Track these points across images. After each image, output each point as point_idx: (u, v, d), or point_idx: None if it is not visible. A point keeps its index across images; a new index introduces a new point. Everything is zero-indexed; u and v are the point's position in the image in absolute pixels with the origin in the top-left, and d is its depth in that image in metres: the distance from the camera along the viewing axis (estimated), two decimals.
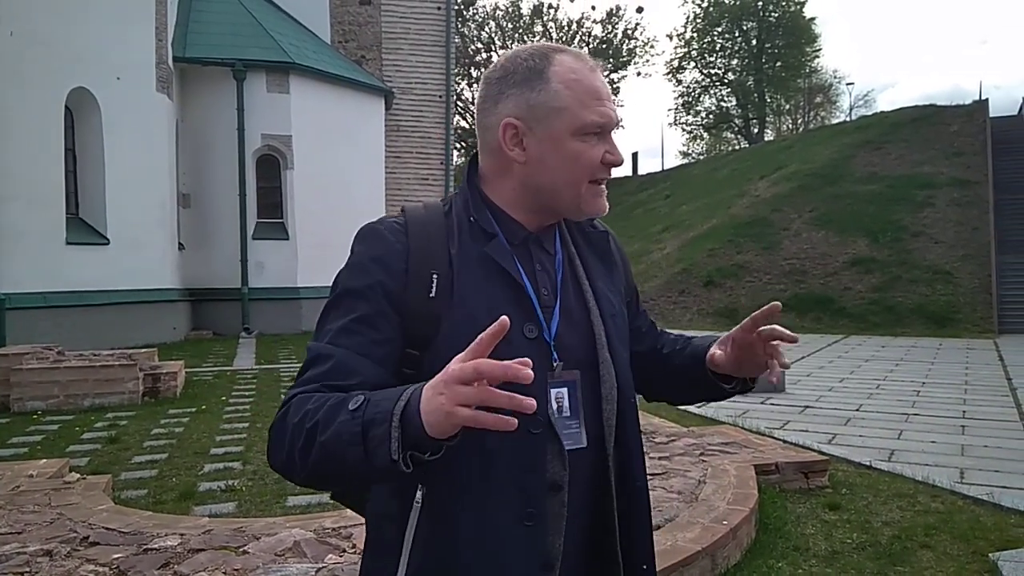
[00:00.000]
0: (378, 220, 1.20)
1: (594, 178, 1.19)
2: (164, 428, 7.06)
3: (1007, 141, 28.02)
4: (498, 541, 1.10)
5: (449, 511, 1.10)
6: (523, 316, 1.15)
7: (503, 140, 1.17)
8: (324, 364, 1.07)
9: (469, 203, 1.21)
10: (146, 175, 13.52)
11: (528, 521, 1.12)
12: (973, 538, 4.33)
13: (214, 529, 3.75)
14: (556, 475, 1.14)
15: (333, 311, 1.13)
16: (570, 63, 1.18)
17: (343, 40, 19.37)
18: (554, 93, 1.15)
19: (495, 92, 1.19)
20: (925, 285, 21.76)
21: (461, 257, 1.15)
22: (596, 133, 1.17)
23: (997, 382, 11.48)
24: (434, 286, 1.11)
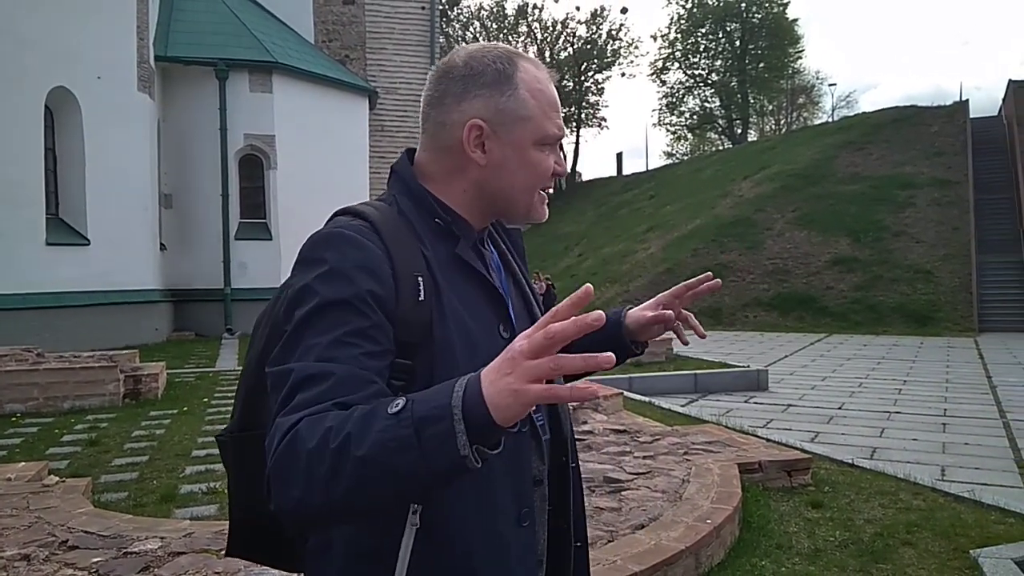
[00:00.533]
0: (337, 224, 1.10)
1: (545, 186, 1.21)
2: (145, 430, 7.00)
3: (987, 141, 28.35)
4: (503, 546, 1.09)
5: (450, 523, 1.05)
6: (497, 317, 1.15)
7: (467, 140, 1.14)
8: (322, 383, 0.94)
9: (428, 204, 1.17)
10: (127, 175, 13.40)
11: (524, 521, 1.11)
12: (954, 535, 4.36)
13: (195, 532, 3.71)
14: (537, 469, 1.16)
15: (314, 326, 1.00)
16: (534, 72, 1.18)
17: (327, 40, 19.31)
18: (522, 101, 1.15)
19: (459, 89, 1.16)
20: (906, 284, 21.96)
21: (435, 259, 1.12)
22: (550, 144, 1.19)
23: (977, 380, 11.60)
24: (421, 289, 1.06)
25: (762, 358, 14.22)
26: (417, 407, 0.86)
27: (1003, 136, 28.92)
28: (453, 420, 0.84)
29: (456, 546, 1.05)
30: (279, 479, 0.90)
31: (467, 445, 0.84)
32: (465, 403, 0.84)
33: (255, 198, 16.28)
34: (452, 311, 1.08)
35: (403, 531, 1.02)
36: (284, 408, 0.95)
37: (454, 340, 1.06)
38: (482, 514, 1.07)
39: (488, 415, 0.84)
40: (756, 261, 24.52)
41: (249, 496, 1.17)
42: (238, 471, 1.22)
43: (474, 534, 1.06)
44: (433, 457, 0.84)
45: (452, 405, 0.85)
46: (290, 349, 1.00)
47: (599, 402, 6.90)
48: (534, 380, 0.83)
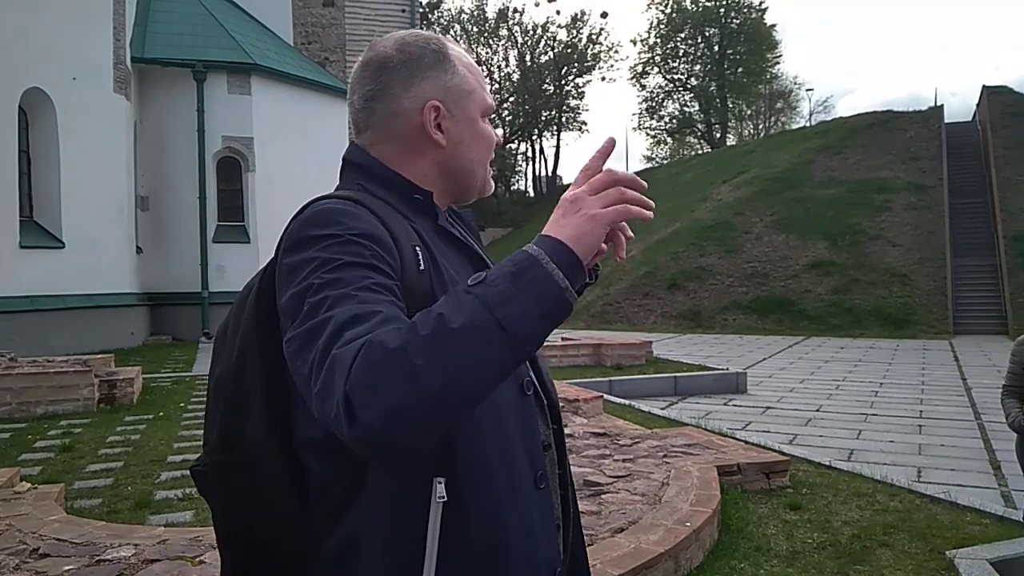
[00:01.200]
0: (324, 203, 1.06)
1: (492, 159, 1.24)
2: (120, 436, 6.90)
3: (961, 146, 28.77)
4: (526, 507, 1.09)
5: (476, 492, 1.03)
6: None
7: (428, 122, 1.15)
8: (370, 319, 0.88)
9: (399, 185, 1.15)
10: (103, 177, 13.25)
11: (540, 484, 1.12)
12: (931, 536, 4.40)
13: (170, 539, 3.66)
14: (544, 433, 1.17)
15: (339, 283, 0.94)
16: (458, 48, 1.22)
17: (306, 42, 19.22)
18: (463, 76, 1.18)
19: (404, 76, 1.15)
20: (883, 287, 22.20)
21: (423, 230, 1.12)
22: (489, 115, 1.23)
23: (953, 382, 11.74)
24: (420, 259, 1.05)
25: (741, 361, 14.30)
26: (501, 269, 0.89)
27: (977, 141, 29.36)
28: (542, 263, 0.88)
29: (483, 515, 1.04)
30: (367, 391, 0.82)
31: (564, 278, 0.87)
32: (544, 249, 0.89)
33: (233, 200, 16.15)
34: (449, 279, 1.08)
35: (429, 508, 0.99)
36: (330, 348, 0.87)
37: None
38: (505, 480, 1.06)
39: (570, 250, 0.90)
40: (735, 264, 24.68)
41: (242, 521, 1.11)
42: (225, 500, 1.12)
43: (500, 500, 1.06)
44: (536, 299, 0.86)
45: (534, 255, 0.89)
46: (312, 310, 0.92)
47: (579, 405, 6.91)
48: (605, 204, 0.93)
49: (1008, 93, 30.85)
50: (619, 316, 24.05)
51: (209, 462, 1.13)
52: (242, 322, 1.12)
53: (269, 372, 1.05)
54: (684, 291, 23.90)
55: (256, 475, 1.08)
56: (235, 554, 1.14)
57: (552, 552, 1.14)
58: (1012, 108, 29.04)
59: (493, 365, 0.87)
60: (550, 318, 0.88)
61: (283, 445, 1.06)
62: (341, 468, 1.02)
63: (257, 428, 1.07)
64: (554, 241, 0.90)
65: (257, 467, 1.07)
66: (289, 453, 1.06)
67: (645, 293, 24.53)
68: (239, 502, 1.10)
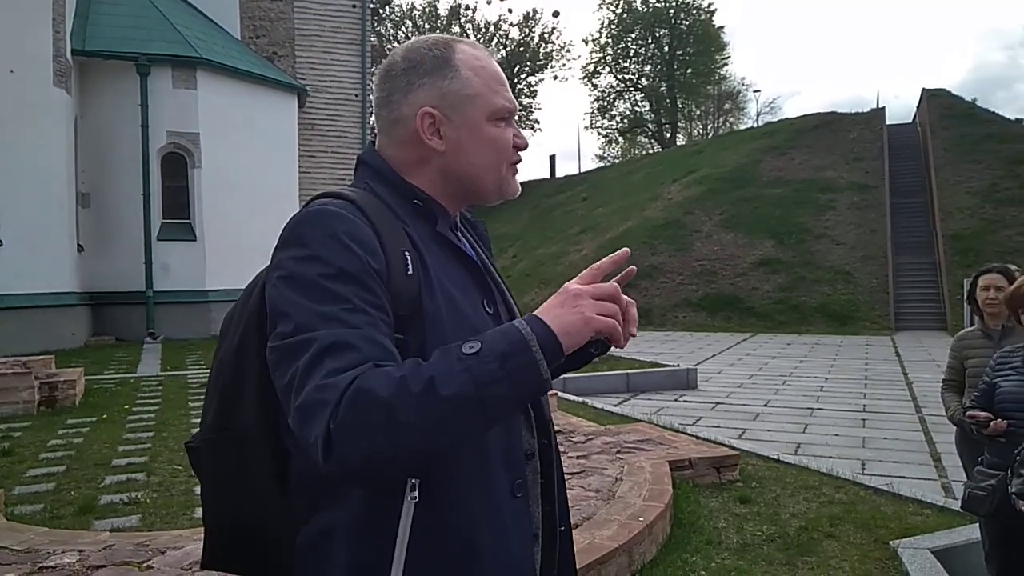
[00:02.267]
0: (319, 204, 1.09)
1: (512, 160, 1.22)
2: (62, 439, 6.70)
3: (902, 147, 29.61)
4: (500, 515, 1.10)
5: (449, 493, 1.06)
6: (481, 293, 1.18)
7: (422, 129, 1.16)
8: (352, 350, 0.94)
9: (402, 188, 1.18)
10: (42, 173, 12.81)
11: (518, 492, 1.13)
12: (875, 527, 4.52)
13: (116, 544, 3.57)
14: (527, 443, 1.18)
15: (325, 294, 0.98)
16: (471, 51, 1.20)
17: (254, 36, 18.86)
18: (465, 80, 1.17)
19: (403, 84, 1.18)
20: (827, 285, 22.73)
21: (418, 237, 1.13)
22: (505, 118, 1.20)
23: (894, 376, 12.08)
24: (409, 263, 1.07)
25: (691, 357, 14.50)
26: (495, 346, 0.94)
27: (917, 143, 30.22)
28: (532, 350, 0.93)
29: (455, 517, 1.06)
30: (349, 433, 0.89)
31: (547, 371, 0.94)
32: (537, 335, 0.94)
33: (178, 197, 15.77)
34: (439, 285, 1.10)
35: (402, 506, 1.02)
36: (314, 374, 0.94)
37: (443, 313, 1.08)
38: (479, 485, 1.08)
39: (558, 342, 0.95)
40: (685, 263, 25.02)
41: (230, 500, 1.16)
42: (214, 475, 1.18)
43: (472, 504, 1.07)
44: (521, 385, 0.93)
45: (527, 339, 0.94)
46: (294, 320, 0.99)
47: None
48: (602, 312, 0.98)
49: (946, 96, 31.85)
50: None
51: (202, 439, 1.19)
52: (245, 313, 1.16)
53: (264, 363, 1.07)
54: (636, 289, 24.12)
55: (243, 457, 1.13)
56: (219, 535, 1.19)
57: (526, 561, 1.15)
58: (950, 111, 30.00)
59: (468, 433, 0.96)
60: (526, 401, 1.00)
61: (271, 432, 1.12)
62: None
63: (248, 414, 1.12)
64: (546, 329, 0.96)
65: (244, 449, 1.13)
66: (276, 440, 1.12)
67: None
68: (225, 481, 1.17)
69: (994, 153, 26.22)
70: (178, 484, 5.30)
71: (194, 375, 10.50)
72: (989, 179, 24.98)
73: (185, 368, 11.28)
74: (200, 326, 15.12)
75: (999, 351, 3.25)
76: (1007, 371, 3.04)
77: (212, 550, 1.20)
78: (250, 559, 1.18)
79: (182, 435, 6.79)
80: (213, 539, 1.20)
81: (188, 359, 12.26)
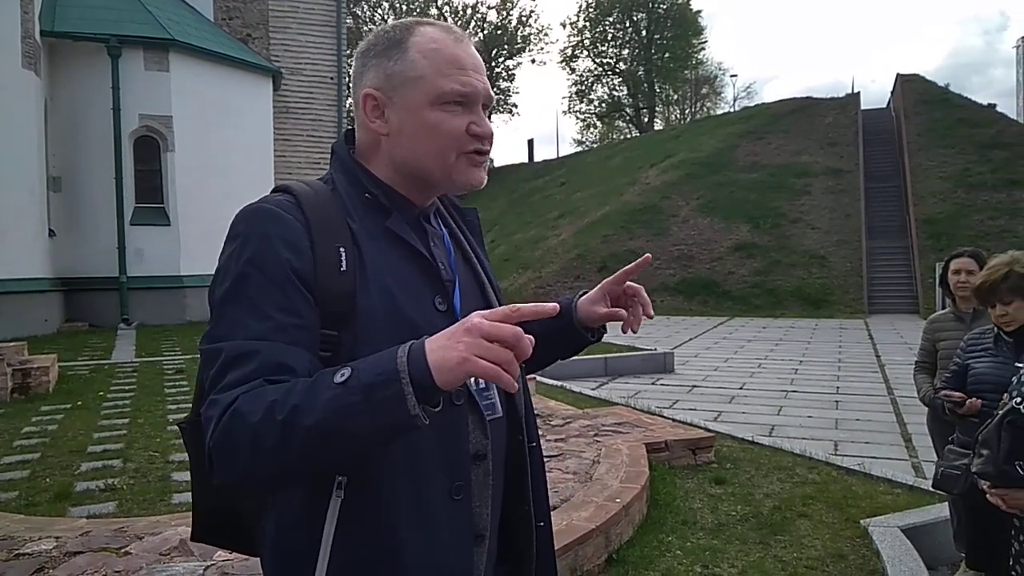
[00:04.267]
0: (261, 200, 1.10)
1: (464, 149, 1.15)
2: (36, 426, 6.64)
3: (877, 132, 29.88)
4: (431, 517, 1.09)
5: (376, 494, 1.06)
6: (433, 289, 1.15)
7: (365, 112, 1.16)
8: (251, 361, 0.97)
9: (359, 179, 1.17)
10: (11, 157, 12.57)
11: (456, 495, 1.11)
12: (846, 506, 4.61)
13: (93, 530, 3.55)
14: (479, 445, 1.15)
15: (236, 301, 1.02)
16: (432, 33, 1.16)
17: (227, 17, 18.58)
18: (411, 62, 1.14)
19: (360, 66, 1.18)
20: (802, 269, 22.96)
21: (363, 231, 1.11)
22: (459, 103, 1.14)
23: (867, 359, 12.26)
24: (343, 260, 1.06)
25: (668, 341, 14.62)
26: (363, 375, 0.91)
27: (892, 128, 30.51)
28: (401, 383, 0.90)
29: (381, 516, 1.06)
30: (222, 454, 0.94)
31: (416, 405, 0.90)
32: (411, 367, 0.90)
33: (151, 181, 15.55)
34: (377, 282, 1.08)
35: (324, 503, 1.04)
36: (216, 386, 0.98)
37: (377, 310, 1.06)
38: (409, 485, 1.07)
39: (431, 378, 0.90)
40: (662, 247, 25.13)
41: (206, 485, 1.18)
42: (197, 456, 1.20)
43: (400, 505, 1.07)
44: (384, 419, 0.90)
45: (398, 369, 0.90)
46: (217, 324, 1.03)
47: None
48: (484, 356, 0.89)
49: (920, 81, 32.16)
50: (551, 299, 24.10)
51: (188, 420, 1.20)
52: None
53: None
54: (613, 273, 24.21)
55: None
56: (203, 513, 1.23)
57: (459, 565, 1.12)
58: (924, 96, 30.30)
59: (328, 459, 0.96)
60: (396, 433, 0.93)
61: None
62: None
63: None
64: (421, 363, 0.91)
65: None
66: None
67: (576, 276, 24.76)
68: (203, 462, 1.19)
69: (967, 138, 26.55)
70: (155, 470, 5.27)
71: (169, 361, 10.42)
72: (962, 164, 25.31)
73: (160, 354, 11.19)
74: (175, 312, 14.97)
75: (969, 333, 3.31)
76: (979, 353, 3.09)
77: (198, 526, 1.24)
78: (230, 536, 1.23)
79: (158, 421, 6.75)
80: (200, 515, 1.23)
81: (163, 345, 12.16)
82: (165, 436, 6.19)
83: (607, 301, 1.40)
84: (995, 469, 2.23)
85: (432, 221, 1.25)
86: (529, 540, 1.24)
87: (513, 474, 1.23)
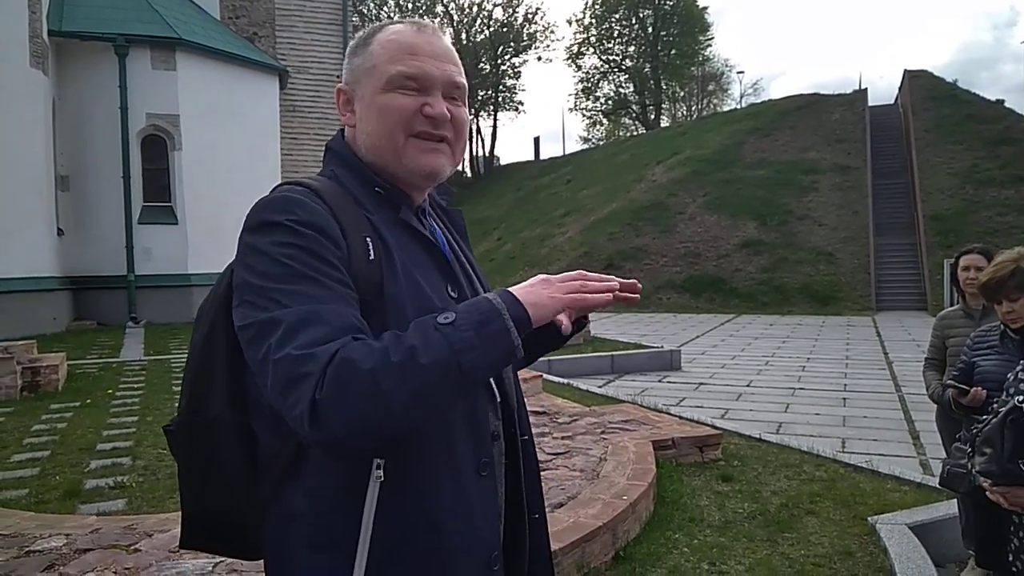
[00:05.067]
0: (280, 191, 1.11)
1: (412, 131, 1.16)
2: (46, 424, 6.67)
3: (884, 128, 29.75)
4: (466, 495, 1.12)
5: (415, 472, 1.08)
6: (445, 278, 1.19)
7: (339, 107, 1.23)
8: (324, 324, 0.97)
9: (364, 174, 1.19)
10: (19, 156, 12.64)
11: (483, 471, 1.15)
12: (854, 503, 4.60)
13: (103, 528, 3.58)
14: (493, 424, 1.20)
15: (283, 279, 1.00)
16: (396, 27, 1.20)
17: (233, 16, 18.63)
18: (369, 54, 1.19)
19: (343, 67, 1.27)
20: (810, 266, 22.89)
21: (381, 223, 1.14)
22: (412, 88, 1.16)
23: (875, 356, 12.22)
24: (371, 249, 1.09)
25: (675, 339, 14.59)
26: (468, 316, 0.99)
27: (899, 124, 30.38)
28: (504, 319, 0.99)
29: (420, 496, 1.08)
30: (334, 404, 0.92)
31: (518, 337, 0.99)
32: (507, 305, 1.01)
33: (159, 180, 15.61)
34: (402, 270, 1.11)
35: (367, 486, 1.05)
36: (286, 347, 0.96)
37: (404, 297, 1.09)
38: (444, 464, 1.10)
39: (526, 312, 1.01)
40: (669, 244, 25.09)
41: (202, 484, 1.19)
42: (187, 458, 1.21)
43: (437, 483, 1.09)
44: (493, 350, 0.98)
45: (498, 309, 1.00)
46: (260, 299, 1.01)
47: None
48: (567, 293, 1.05)
49: (928, 77, 31.97)
50: None
51: (177, 424, 1.21)
52: (215, 301, 1.17)
53: (232, 348, 1.10)
54: (620, 271, 24.17)
55: (213, 442, 1.16)
56: (193, 518, 1.23)
57: (490, 537, 1.16)
58: (932, 92, 30.14)
59: (447, 397, 1.00)
60: (500, 366, 1.03)
61: (240, 417, 1.14)
62: (284, 436, 1.08)
63: (218, 399, 1.15)
64: (515, 300, 1.02)
65: (214, 434, 1.16)
66: (245, 426, 1.15)
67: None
68: (196, 465, 1.20)
69: (975, 134, 26.41)
70: (164, 468, 5.29)
71: (177, 359, 10.46)
72: (970, 160, 25.18)
73: (168, 352, 11.23)
74: (182, 310, 15.01)
75: (975, 331, 3.30)
76: (985, 350, 3.08)
77: (188, 532, 1.24)
78: (223, 540, 1.23)
79: (166, 419, 6.70)
80: (189, 521, 1.23)
81: (171, 343, 12.20)
82: None
83: None
84: (999, 468, 2.23)
85: (425, 218, 1.27)
86: (522, 531, 1.25)
87: (510, 465, 1.25)
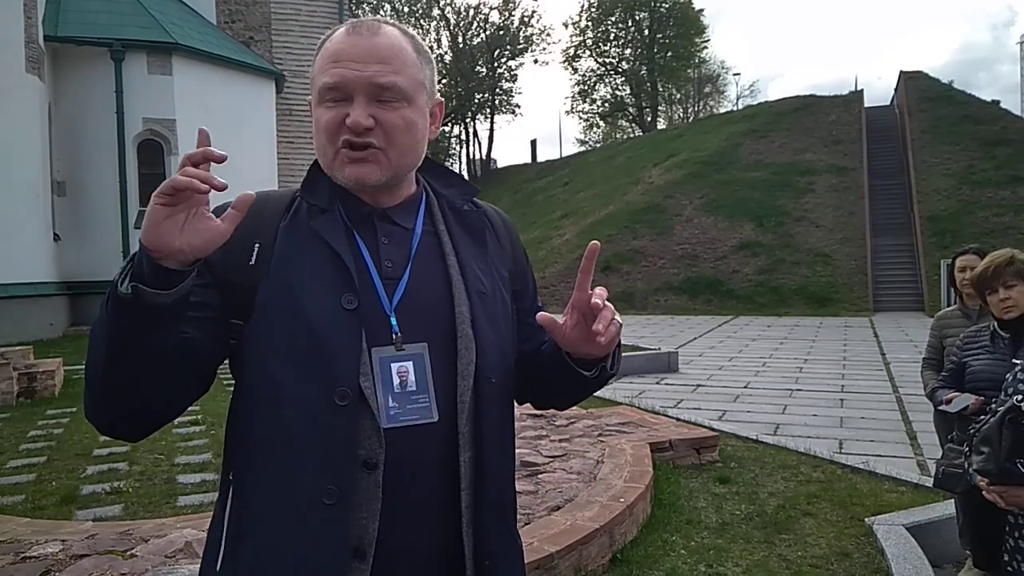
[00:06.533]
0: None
1: (339, 143, 1.14)
2: (42, 430, 6.66)
3: (880, 129, 29.80)
4: (300, 519, 1.07)
5: (252, 489, 1.11)
6: (345, 287, 1.11)
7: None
8: None
9: (307, 181, 1.22)
10: (15, 162, 12.63)
11: (328, 499, 1.05)
12: (851, 504, 4.60)
13: (99, 533, 3.57)
14: (371, 452, 1.08)
15: None
16: (335, 35, 1.19)
17: (229, 20, 18.64)
18: (313, 66, 1.20)
19: None
20: (806, 267, 22.91)
21: (288, 230, 1.16)
22: (335, 98, 1.14)
23: (872, 357, 12.22)
24: (254, 255, 1.13)
25: (672, 341, 14.60)
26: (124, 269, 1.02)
27: (895, 125, 30.43)
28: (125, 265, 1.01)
29: (256, 513, 1.11)
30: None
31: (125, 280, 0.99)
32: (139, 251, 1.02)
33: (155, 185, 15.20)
34: (281, 277, 1.13)
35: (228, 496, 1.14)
36: None
37: (272, 303, 1.11)
38: (280, 486, 1.09)
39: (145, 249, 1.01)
40: (666, 246, 25.11)
41: None
42: None
43: (273, 504, 1.10)
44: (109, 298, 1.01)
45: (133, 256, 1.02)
46: None
47: None
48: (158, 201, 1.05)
49: (924, 78, 32.07)
50: (555, 299, 24.22)
51: None
52: None
53: None
54: (618, 273, 24.20)
55: None
56: None
57: (327, 568, 1.06)
58: (927, 92, 30.23)
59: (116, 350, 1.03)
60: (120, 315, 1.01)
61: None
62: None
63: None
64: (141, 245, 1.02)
65: None
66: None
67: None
68: None
69: (970, 135, 26.48)
70: (160, 473, 5.29)
71: None
72: (966, 161, 25.24)
73: None
74: None
75: (965, 331, 3.30)
76: (976, 350, 3.09)
77: None
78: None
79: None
80: None
81: None
82: (170, 439, 6.21)
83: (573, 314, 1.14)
84: (996, 467, 2.23)
85: (399, 219, 1.22)
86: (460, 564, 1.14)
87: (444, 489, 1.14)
